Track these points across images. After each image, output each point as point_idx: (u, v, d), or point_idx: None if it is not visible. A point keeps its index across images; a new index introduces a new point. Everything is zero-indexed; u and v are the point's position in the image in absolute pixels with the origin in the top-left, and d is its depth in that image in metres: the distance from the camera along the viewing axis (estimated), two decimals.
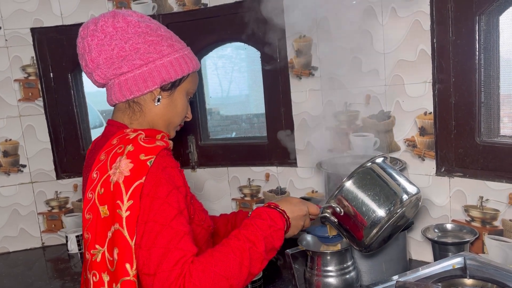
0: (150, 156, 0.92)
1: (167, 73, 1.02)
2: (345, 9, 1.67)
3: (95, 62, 1.00)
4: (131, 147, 0.92)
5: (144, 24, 1.02)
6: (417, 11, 1.52)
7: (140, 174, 0.90)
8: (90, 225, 0.93)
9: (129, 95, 1.02)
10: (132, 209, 0.88)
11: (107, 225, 0.91)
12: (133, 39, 1.00)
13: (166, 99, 1.06)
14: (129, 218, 0.87)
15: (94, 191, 0.93)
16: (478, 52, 1.46)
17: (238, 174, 2.09)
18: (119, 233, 0.88)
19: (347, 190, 1.15)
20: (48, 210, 2.20)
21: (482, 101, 1.49)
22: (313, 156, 1.86)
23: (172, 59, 1.03)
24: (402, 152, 1.64)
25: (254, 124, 2.22)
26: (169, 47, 1.03)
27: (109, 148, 0.96)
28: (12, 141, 2.13)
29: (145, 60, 1.00)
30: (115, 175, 0.90)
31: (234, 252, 0.93)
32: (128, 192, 0.88)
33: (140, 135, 0.96)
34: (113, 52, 0.99)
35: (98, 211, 0.92)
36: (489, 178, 1.45)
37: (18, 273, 1.95)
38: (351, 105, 1.74)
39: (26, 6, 2.06)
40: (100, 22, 1.00)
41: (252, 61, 2.10)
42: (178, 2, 2.05)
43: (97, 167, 0.95)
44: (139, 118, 1.06)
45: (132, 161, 0.90)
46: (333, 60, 1.75)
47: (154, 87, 1.02)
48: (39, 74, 2.12)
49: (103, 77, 1.03)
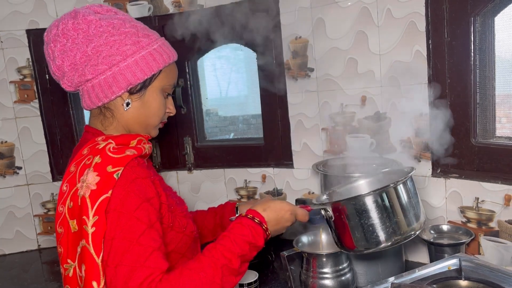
0: (118, 168, 0.88)
1: (133, 75, 0.96)
2: (340, 10, 1.67)
3: (60, 70, 0.96)
4: (98, 159, 0.89)
5: (105, 22, 0.95)
6: (412, 12, 1.52)
7: (106, 188, 0.86)
8: (62, 239, 0.92)
9: (97, 101, 0.98)
10: (97, 225, 0.85)
11: (76, 240, 0.88)
12: (94, 41, 0.94)
13: (137, 102, 1.00)
14: (95, 234, 0.84)
15: (64, 205, 0.91)
16: (473, 53, 1.46)
17: (234, 176, 2.09)
18: (85, 250, 0.85)
19: (361, 204, 1.08)
20: (44, 212, 2.20)
21: (477, 102, 1.49)
22: (309, 157, 1.86)
23: (138, 59, 0.96)
24: (398, 153, 1.64)
25: (252, 124, 2.22)
26: (133, 45, 0.96)
27: (79, 159, 0.93)
28: (8, 143, 2.13)
29: (108, 63, 0.94)
30: (82, 188, 0.87)
31: (205, 270, 0.90)
32: (93, 207, 0.85)
33: (109, 144, 0.92)
34: (76, 58, 0.94)
35: (69, 225, 0.90)
36: (485, 179, 1.45)
37: (14, 275, 1.94)
38: (347, 106, 1.74)
39: (21, 7, 2.06)
40: (61, 25, 0.95)
41: (250, 61, 2.09)
42: (174, 4, 2.05)
43: (67, 179, 0.92)
44: (112, 123, 1.01)
45: (99, 173, 0.87)
46: (329, 61, 1.75)
47: (120, 92, 0.96)
48: (35, 76, 2.11)
49: (70, 85, 0.99)
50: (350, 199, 1.10)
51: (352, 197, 1.11)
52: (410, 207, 1.10)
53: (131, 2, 2.08)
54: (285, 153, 1.95)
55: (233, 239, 0.96)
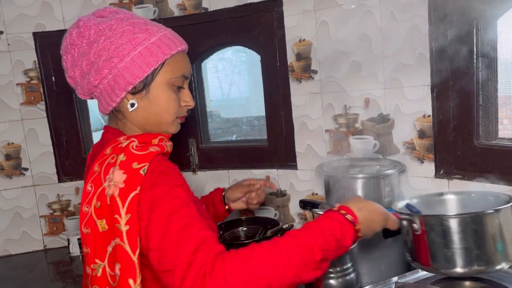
0: (143, 164, 0.87)
1: (131, 74, 0.92)
2: (344, 13, 1.69)
3: (74, 80, 0.98)
4: (123, 157, 0.87)
5: (103, 25, 0.93)
6: (415, 15, 1.53)
7: (135, 185, 0.85)
8: (88, 239, 0.90)
9: (108, 106, 0.98)
10: (131, 223, 0.84)
11: (106, 240, 0.87)
12: (95, 46, 0.93)
13: (143, 101, 0.97)
14: (129, 232, 0.83)
15: (90, 205, 0.89)
16: (476, 55, 1.47)
17: (238, 177, 2.10)
18: (120, 248, 0.84)
19: (463, 224, 0.99)
20: (50, 213, 2.22)
21: (480, 104, 1.50)
22: (313, 159, 1.88)
23: (134, 56, 0.92)
24: (401, 155, 1.66)
25: (255, 126, 2.23)
26: (128, 43, 0.92)
27: (102, 158, 0.92)
28: (14, 145, 2.15)
29: (108, 67, 0.93)
30: (110, 187, 0.86)
31: (281, 252, 0.82)
32: (124, 205, 0.83)
33: (132, 142, 0.91)
34: (83, 67, 0.95)
35: (96, 225, 0.88)
36: (488, 180, 1.46)
37: (19, 275, 1.96)
38: (351, 108, 1.76)
39: (28, 10, 2.08)
40: (67, 37, 0.96)
41: (252, 63, 2.11)
42: (179, 7, 2.07)
43: (91, 179, 0.91)
44: (127, 124, 1.00)
45: (125, 171, 0.86)
46: (333, 63, 1.77)
47: (122, 94, 0.95)
48: (41, 78, 2.14)
49: (83, 94, 1.00)
50: (455, 216, 1.02)
51: (458, 214, 1.04)
52: (508, 237, 1.01)
53: (137, 5, 2.10)
54: (289, 155, 1.97)
55: (319, 230, 0.88)
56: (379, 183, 1.49)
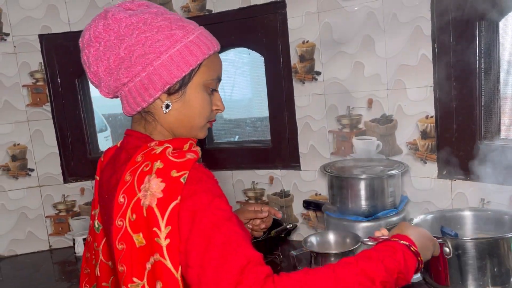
0: (183, 171, 0.79)
1: (169, 73, 0.86)
2: (347, 15, 1.70)
3: (97, 77, 0.90)
4: (159, 164, 0.79)
5: (136, 19, 0.86)
6: (418, 16, 1.55)
7: (175, 194, 0.77)
8: (124, 257, 0.81)
9: (136, 107, 0.90)
10: (171, 236, 0.75)
11: (144, 256, 0.79)
12: (126, 40, 0.85)
13: (178, 102, 0.90)
14: (170, 246, 0.75)
15: (124, 218, 0.80)
16: (478, 56, 1.48)
17: (242, 178, 2.12)
18: (160, 265, 0.76)
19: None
20: (55, 213, 2.24)
21: (482, 105, 1.51)
22: (316, 160, 1.89)
23: (172, 54, 0.86)
24: (404, 155, 1.67)
25: (258, 127, 2.24)
26: (166, 40, 0.86)
27: (134, 166, 0.83)
28: (21, 146, 2.17)
29: (142, 63, 0.86)
30: (146, 198, 0.78)
31: (338, 278, 0.76)
32: (164, 217, 0.76)
33: (167, 148, 0.83)
34: (110, 62, 0.87)
35: (132, 240, 0.80)
36: (490, 181, 1.47)
37: (25, 275, 1.98)
38: (354, 109, 1.77)
39: (34, 13, 2.10)
40: (92, 29, 0.88)
41: (255, 64, 2.12)
42: (183, 9, 2.09)
43: (123, 190, 0.82)
44: (156, 128, 0.92)
45: (164, 179, 0.78)
46: (336, 65, 1.78)
47: (157, 93, 0.87)
48: (47, 80, 2.16)
49: (108, 92, 0.92)
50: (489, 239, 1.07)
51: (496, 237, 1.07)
52: None
53: None
54: (292, 155, 1.98)
55: (381, 260, 0.80)
56: (382, 184, 1.50)
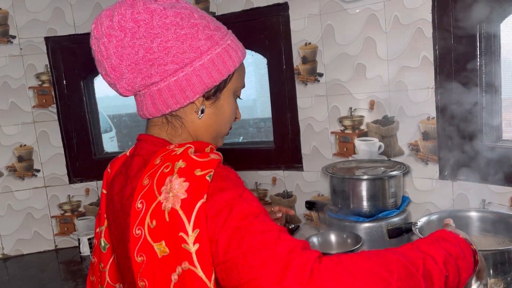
0: (208, 170, 0.72)
1: (209, 76, 0.80)
2: (349, 17, 1.71)
3: (117, 71, 0.79)
4: (182, 163, 0.73)
5: (172, 12, 0.78)
6: (419, 18, 1.55)
7: (201, 193, 0.69)
8: (144, 270, 0.72)
9: (165, 109, 0.81)
10: (201, 239, 0.67)
11: (169, 266, 0.70)
12: (161, 36, 0.77)
13: (211, 108, 0.84)
14: (200, 251, 0.67)
15: (143, 226, 0.72)
16: (479, 58, 1.49)
17: (245, 178, 2.13)
18: (191, 274, 0.67)
19: None
20: (61, 213, 2.26)
21: (484, 106, 1.51)
22: (318, 160, 1.90)
23: (214, 56, 0.80)
24: (406, 156, 1.68)
25: (261, 128, 2.25)
26: (207, 40, 0.80)
27: (153, 169, 0.76)
28: (27, 147, 2.20)
29: (180, 63, 0.78)
30: (168, 200, 0.70)
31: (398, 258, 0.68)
32: (191, 220, 0.68)
33: (189, 148, 0.77)
34: (138, 56, 0.77)
35: (153, 250, 0.71)
36: (492, 182, 1.47)
37: (31, 275, 2.00)
38: (356, 110, 1.78)
39: (40, 15, 2.13)
40: (116, 16, 0.78)
41: (258, 65, 2.13)
42: None
43: (140, 195, 0.75)
44: (181, 134, 0.85)
45: (187, 179, 0.70)
46: (338, 66, 1.79)
47: (195, 97, 0.80)
48: (53, 82, 2.18)
49: (129, 89, 0.81)
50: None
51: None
52: None
53: None
54: (295, 156, 1.99)
55: (438, 241, 0.75)
56: (384, 185, 1.51)
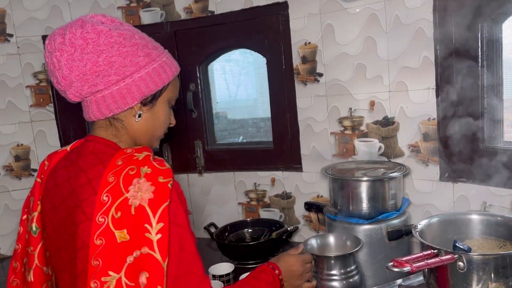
0: (168, 178, 0.91)
1: (146, 86, 0.98)
2: (349, 17, 1.70)
3: (67, 80, 0.95)
4: (147, 169, 0.91)
5: (116, 33, 0.95)
6: (420, 18, 1.54)
7: (165, 196, 0.89)
8: (102, 251, 0.88)
9: (108, 113, 0.98)
10: (163, 231, 0.87)
11: (126, 250, 0.88)
12: (106, 52, 0.94)
13: (148, 113, 1.02)
14: (161, 241, 0.87)
15: (107, 215, 0.89)
16: (481, 59, 1.47)
17: (244, 179, 2.12)
18: (148, 257, 0.87)
19: None
20: None
21: (485, 107, 1.50)
22: (318, 161, 1.89)
23: (150, 70, 0.98)
24: (406, 158, 1.66)
25: (260, 128, 2.24)
26: (146, 57, 0.98)
27: (116, 169, 0.92)
28: (24, 146, 2.18)
29: (121, 74, 0.95)
30: (136, 198, 0.88)
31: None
32: (156, 215, 0.87)
33: (149, 156, 0.94)
34: (86, 68, 0.93)
35: (114, 236, 0.88)
36: (493, 184, 1.46)
37: None
38: (356, 110, 1.76)
39: (37, 14, 2.11)
40: (67, 34, 0.94)
41: (259, 65, 2.12)
42: (186, 10, 2.09)
43: (106, 189, 0.91)
44: (123, 135, 1.02)
45: (153, 183, 0.89)
46: (338, 66, 1.78)
47: (134, 103, 0.98)
48: (50, 81, 2.16)
49: (77, 96, 0.97)
50: None
51: None
52: None
53: (144, 8, 2.13)
54: (294, 157, 1.98)
55: (259, 276, 1.12)
56: (384, 186, 1.50)
